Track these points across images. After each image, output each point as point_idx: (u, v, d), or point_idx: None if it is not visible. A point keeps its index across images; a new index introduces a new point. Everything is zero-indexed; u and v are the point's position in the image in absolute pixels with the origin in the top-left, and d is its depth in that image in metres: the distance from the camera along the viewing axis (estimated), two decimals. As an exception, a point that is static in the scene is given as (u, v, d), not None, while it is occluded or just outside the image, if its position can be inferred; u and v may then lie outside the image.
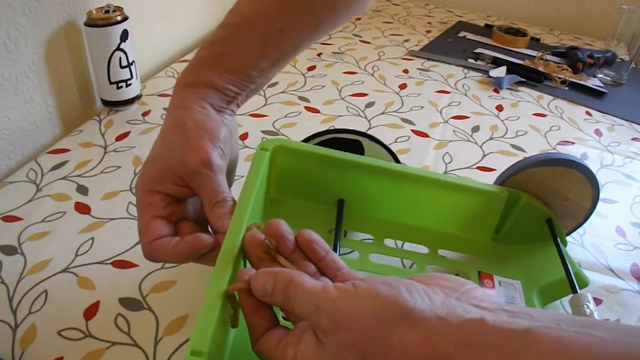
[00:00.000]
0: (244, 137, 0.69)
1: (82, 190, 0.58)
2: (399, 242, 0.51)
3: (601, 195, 0.63)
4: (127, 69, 0.70)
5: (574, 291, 0.42)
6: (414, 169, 0.49)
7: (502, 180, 0.49)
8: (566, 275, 0.43)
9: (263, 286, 0.30)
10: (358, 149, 0.50)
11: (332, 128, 0.51)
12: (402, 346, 0.25)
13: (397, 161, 0.51)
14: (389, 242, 0.50)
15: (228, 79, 0.40)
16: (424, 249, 0.49)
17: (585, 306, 0.39)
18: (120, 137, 0.67)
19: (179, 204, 0.39)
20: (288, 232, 0.34)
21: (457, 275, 0.46)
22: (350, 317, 0.26)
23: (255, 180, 0.40)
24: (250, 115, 0.74)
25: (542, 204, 0.48)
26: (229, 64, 0.40)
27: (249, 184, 0.39)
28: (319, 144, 0.50)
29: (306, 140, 0.50)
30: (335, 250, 0.43)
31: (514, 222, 0.49)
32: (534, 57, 1.00)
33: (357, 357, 0.26)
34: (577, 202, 0.49)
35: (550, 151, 0.48)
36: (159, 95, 0.78)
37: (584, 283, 0.45)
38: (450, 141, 0.72)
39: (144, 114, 0.73)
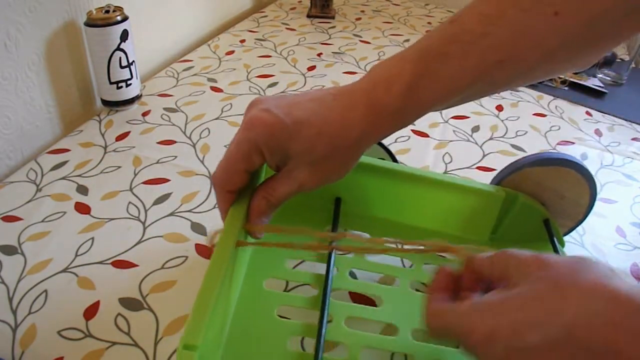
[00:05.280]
0: (244, 137, 0.69)
1: (82, 190, 0.58)
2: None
3: (601, 195, 0.64)
4: (127, 69, 0.70)
5: None
6: (411, 168, 0.49)
7: (498, 181, 0.49)
8: None
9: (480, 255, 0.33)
10: None
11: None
12: (593, 284, 0.27)
13: (392, 157, 0.50)
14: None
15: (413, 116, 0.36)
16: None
17: None
18: (120, 137, 0.67)
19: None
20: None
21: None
22: (550, 262, 0.29)
23: (255, 177, 0.40)
24: (250, 115, 0.74)
25: (540, 204, 0.48)
26: (433, 90, 0.34)
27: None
28: None
29: None
30: (332, 242, 0.44)
31: (511, 222, 0.49)
32: (534, 57, 1.00)
33: (550, 285, 0.27)
34: (574, 200, 0.49)
35: (548, 151, 0.48)
36: (159, 95, 0.78)
37: None
38: (450, 141, 0.72)
39: (144, 114, 0.73)
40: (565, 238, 0.56)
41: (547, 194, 0.48)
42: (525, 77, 0.35)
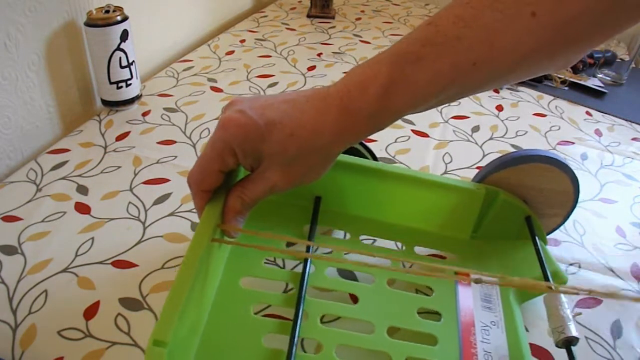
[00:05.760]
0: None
1: (82, 190, 0.58)
2: (377, 240, 0.51)
3: (601, 195, 0.64)
4: (127, 69, 0.70)
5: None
6: (391, 166, 0.49)
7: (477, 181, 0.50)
8: (542, 273, 0.43)
9: None
10: None
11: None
12: None
13: (373, 155, 0.51)
14: (367, 241, 0.50)
15: (388, 121, 0.35)
16: (400, 247, 0.49)
17: (558, 306, 0.39)
18: (120, 137, 0.67)
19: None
20: None
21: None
22: None
23: (232, 176, 0.40)
24: (250, 115, 0.74)
25: (521, 201, 0.48)
26: (407, 94, 0.34)
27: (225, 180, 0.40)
28: None
29: None
30: (308, 246, 0.44)
31: (492, 220, 0.49)
32: (534, 57, 1.00)
33: None
34: (555, 189, 0.48)
35: (513, 152, 0.48)
36: (158, 95, 0.78)
37: (562, 281, 0.45)
38: (450, 141, 0.72)
39: (144, 114, 0.73)
40: (565, 238, 0.56)
41: (527, 191, 0.49)
42: (504, 78, 0.35)
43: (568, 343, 0.37)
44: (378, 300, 0.43)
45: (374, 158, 0.51)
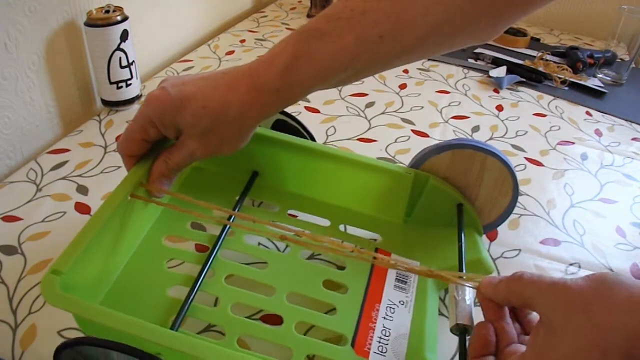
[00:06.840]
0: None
1: (82, 190, 0.58)
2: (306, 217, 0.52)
3: (601, 195, 0.64)
4: (127, 69, 0.70)
5: None
6: (324, 146, 0.50)
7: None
8: (459, 261, 0.43)
9: (490, 281, 0.33)
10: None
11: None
12: (629, 303, 0.26)
13: (311, 137, 0.53)
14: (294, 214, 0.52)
15: (300, 91, 0.37)
16: (327, 223, 0.50)
17: (455, 292, 0.38)
18: (120, 137, 0.67)
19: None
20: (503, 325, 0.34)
21: (352, 251, 0.46)
22: (573, 288, 0.28)
23: (163, 145, 0.42)
24: (250, 115, 0.74)
25: (453, 188, 0.48)
26: (312, 68, 0.35)
27: (155, 148, 0.43)
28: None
29: None
30: (230, 215, 0.46)
31: (424, 205, 0.49)
32: (534, 57, 1.00)
33: (584, 317, 0.26)
34: (491, 175, 0.48)
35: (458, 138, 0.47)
36: (159, 95, 0.78)
37: (488, 271, 0.45)
38: (450, 141, 0.72)
39: (144, 114, 0.73)
40: (565, 238, 0.56)
41: (463, 178, 0.49)
42: (415, 52, 0.36)
43: (464, 331, 0.36)
44: (286, 269, 0.44)
45: (312, 139, 0.53)
